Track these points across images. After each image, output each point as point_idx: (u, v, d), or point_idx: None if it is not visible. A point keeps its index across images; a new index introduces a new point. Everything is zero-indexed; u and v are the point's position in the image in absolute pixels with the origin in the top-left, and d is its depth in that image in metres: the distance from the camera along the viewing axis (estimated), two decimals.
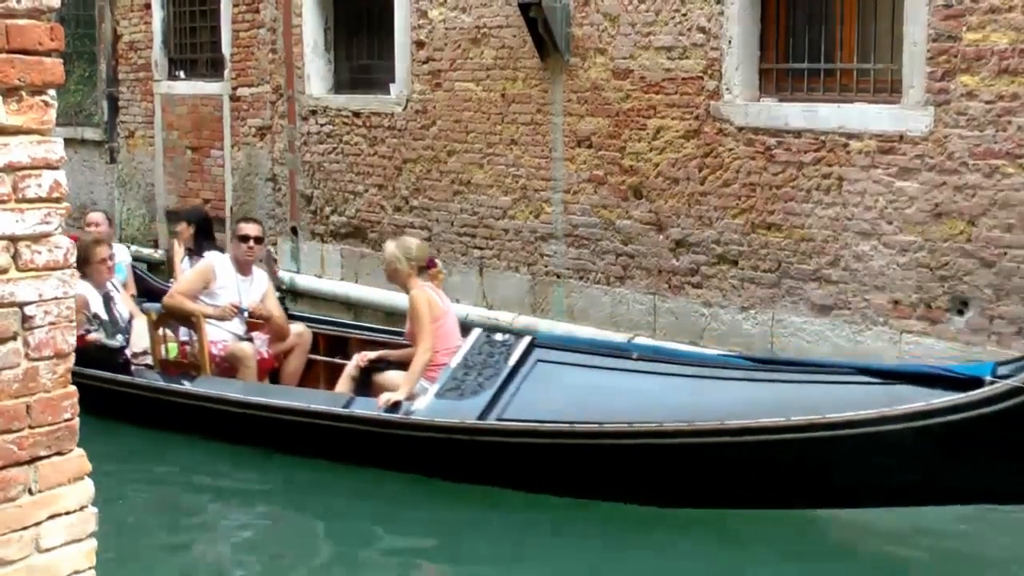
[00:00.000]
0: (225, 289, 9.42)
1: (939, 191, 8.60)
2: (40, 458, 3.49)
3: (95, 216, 11.87)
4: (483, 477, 8.00)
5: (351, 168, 13.13)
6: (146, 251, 15.89)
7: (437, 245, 12.14)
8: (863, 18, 9.23)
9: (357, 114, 13.00)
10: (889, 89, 9.02)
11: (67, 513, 3.56)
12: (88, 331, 9.33)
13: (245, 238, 9.60)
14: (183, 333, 9.34)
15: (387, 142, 12.68)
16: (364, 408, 8.42)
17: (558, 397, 8.01)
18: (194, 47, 15.52)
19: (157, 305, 10.78)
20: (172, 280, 11.36)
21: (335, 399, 8.72)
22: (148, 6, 15.79)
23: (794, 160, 9.39)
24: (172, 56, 15.77)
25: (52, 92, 3.44)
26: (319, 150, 13.48)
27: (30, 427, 3.45)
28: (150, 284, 11.86)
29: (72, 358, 3.57)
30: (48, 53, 3.41)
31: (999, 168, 8.28)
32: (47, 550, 3.51)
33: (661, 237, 10.31)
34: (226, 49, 14.63)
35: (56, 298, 3.48)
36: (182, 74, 15.67)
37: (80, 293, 9.05)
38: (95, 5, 16.71)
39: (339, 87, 13.55)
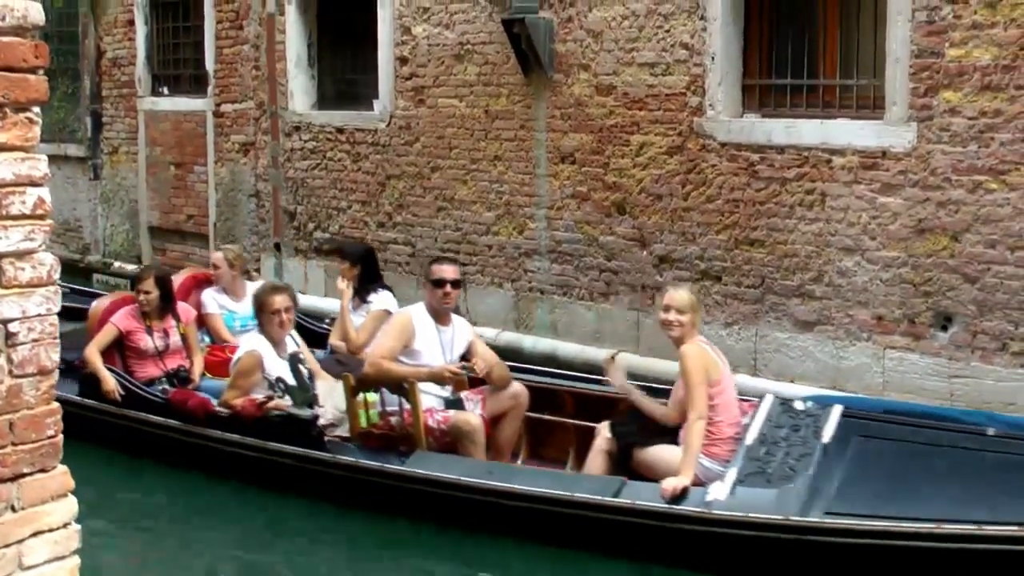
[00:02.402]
0: (427, 346, 7.99)
1: (922, 207, 8.63)
2: (23, 475, 3.47)
3: (215, 255, 10.47)
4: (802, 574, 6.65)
5: (335, 184, 13.12)
6: (130, 267, 15.86)
7: (421, 261, 12.13)
8: (846, 34, 9.27)
9: (340, 130, 13.00)
10: (872, 105, 9.04)
11: (51, 530, 3.54)
12: (270, 397, 8.08)
13: (440, 282, 8.08)
14: (390, 401, 7.89)
15: (371, 158, 12.67)
16: (640, 495, 6.92)
17: (899, 485, 6.72)
18: (177, 63, 15.51)
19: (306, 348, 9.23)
20: (327, 323, 10.25)
21: (603, 485, 7.10)
22: (131, 22, 15.78)
23: (777, 176, 9.41)
24: (155, 72, 15.76)
25: (36, 109, 3.43)
26: (302, 166, 13.47)
27: (13, 444, 3.43)
28: (307, 328, 10.10)
29: (56, 375, 3.54)
30: (32, 70, 3.40)
31: (982, 184, 8.31)
32: (31, 567, 3.49)
33: (644, 253, 10.32)
34: (209, 65, 14.62)
35: (40, 315, 3.46)
36: (165, 90, 15.66)
37: (254, 350, 8.24)
38: (78, 21, 16.68)
39: (322, 103, 13.56)
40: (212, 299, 10.09)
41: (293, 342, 8.53)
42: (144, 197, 15.91)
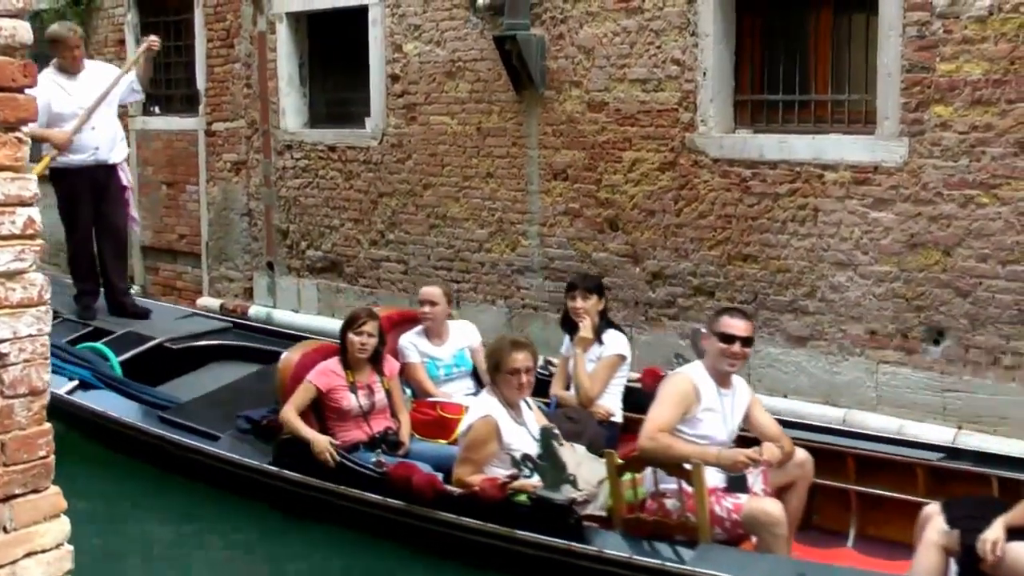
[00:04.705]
0: (709, 413, 6.75)
1: (914, 221, 8.63)
2: (15, 496, 3.45)
3: (429, 291, 8.89)
4: None
5: (327, 202, 13.12)
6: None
7: (413, 279, 12.12)
8: (837, 50, 9.27)
9: (332, 148, 13.00)
10: (863, 120, 9.05)
11: (43, 551, 3.53)
12: (515, 476, 6.81)
13: (729, 338, 6.76)
14: (664, 480, 6.64)
15: (363, 176, 12.67)
16: None
17: None
18: (169, 82, 15.49)
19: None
20: (546, 371, 8.78)
21: None
22: (122, 42, 15.76)
23: (769, 191, 9.41)
24: (147, 91, 15.73)
25: (26, 129, 3.42)
26: (295, 184, 13.46)
27: (5, 465, 3.42)
28: None
29: (47, 395, 3.53)
30: (21, 89, 3.39)
31: (973, 198, 8.32)
32: None
33: (637, 269, 10.32)
34: (201, 84, 14.62)
35: (31, 335, 3.45)
36: (157, 109, 15.64)
37: (488, 416, 7.02)
38: None
39: (314, 121, 13.55)
40: (412, 345, 8.76)
41: (527, 405, 7.38)
42: (136, 217, 15.87)
